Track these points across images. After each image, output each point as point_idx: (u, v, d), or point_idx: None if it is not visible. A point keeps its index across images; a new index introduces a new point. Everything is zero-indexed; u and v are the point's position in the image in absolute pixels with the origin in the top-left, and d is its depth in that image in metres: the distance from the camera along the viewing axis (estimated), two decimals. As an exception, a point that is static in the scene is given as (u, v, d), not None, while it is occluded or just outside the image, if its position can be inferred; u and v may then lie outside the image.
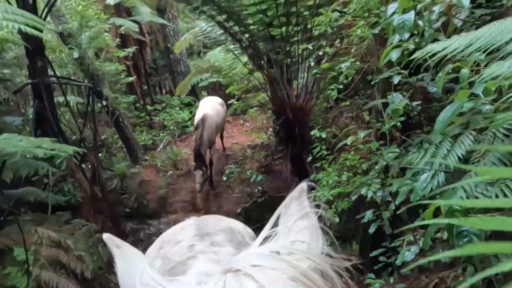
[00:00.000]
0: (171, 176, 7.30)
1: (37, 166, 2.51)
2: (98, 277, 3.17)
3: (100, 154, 7.20)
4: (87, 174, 5.21)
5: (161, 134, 8.98)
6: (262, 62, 5.47)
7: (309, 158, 3.52)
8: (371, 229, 2.24)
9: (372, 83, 2.35)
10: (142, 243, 5.75)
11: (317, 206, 3.18)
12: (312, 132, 3.22)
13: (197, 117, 6.70)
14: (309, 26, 4.10)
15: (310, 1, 4.17)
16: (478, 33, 1.01)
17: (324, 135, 3.12)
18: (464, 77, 1.35)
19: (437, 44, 1.01)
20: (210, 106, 6.93)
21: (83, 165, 5.39)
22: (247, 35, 5.14)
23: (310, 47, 3.73)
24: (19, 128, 5.79)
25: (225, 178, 6.61)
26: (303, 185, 1.00)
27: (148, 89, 10.82)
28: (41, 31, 3.31)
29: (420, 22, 1.49)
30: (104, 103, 6.94)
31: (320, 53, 3.30)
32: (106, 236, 0.99)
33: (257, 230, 4.15)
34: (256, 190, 6.10)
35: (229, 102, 8.05)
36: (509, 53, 1.09)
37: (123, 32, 8.62)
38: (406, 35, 1.48)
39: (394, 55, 1.51)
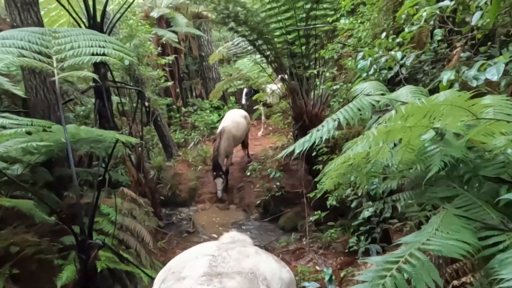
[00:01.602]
0: (200, 170, 8.28)
1: (120, 150, 3.46)
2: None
3: (139, 148, 8.25)
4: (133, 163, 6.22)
5: (192, 133, 10.00)
6: (285, 74, 6.34)
7: (313, 153, 4.37)
8: (353, 204, 3.07)
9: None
10: (174, 225, 6.81)
11: (325, 193, 4.08)
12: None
13: (219, 129, 7.59)
14: (324, 47, 4.96)
15: (326, 27, 5.02)
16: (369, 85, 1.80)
17: (324, 136, 3.99)
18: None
19: (357, 86, 1.82)
20: (231, 119, 7.71)
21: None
22: (273, 52, 6.05)
23: (315, 72, 4.63)
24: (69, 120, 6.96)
25: (248, 174, 7.48)
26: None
27: (180, 92, 11.89)
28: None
29: (374, 66, 2.35)
30: (146, 104, 7.97)
31: (327, 74, 4.16)
32: None
33: (274, 221, 5.30)
34: (275, 186, 6.92)
35: (255, 107, 8.99)
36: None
37: (164, 42, 9.69)
38: (364, 75, 2.35)
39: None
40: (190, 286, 1.34)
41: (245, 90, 9.14)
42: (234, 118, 7.80)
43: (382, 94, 1.43)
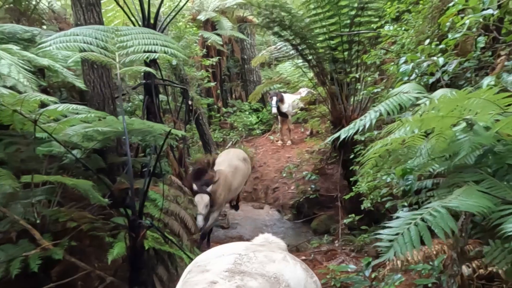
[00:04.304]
0: (237, 170, 8.51)
1: (168, 142, 3.73)
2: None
3: (181, 144, 8.62)
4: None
5: (231, 133, 10.29)
6: (326, 79, 6.44)
7: (351, 156, 4.44)
8: (387, 204, 3.14)
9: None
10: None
11: (360, 196, 4.19)
12: (355, 136, 4.17)
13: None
14: (367, 53, 5.04)
15: (370, 34, 5.09)
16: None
17: (362, 138, 4.07)
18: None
19: (397, 88, 1.92)
20: (228, 163, 6.18)
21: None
22: (315, 56, 6.17)
23: (357, 76, 4.72)
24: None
25: (283, 175, 7.62)
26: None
27: (221, 93, 12.24)
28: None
29: (416, 71, 2.43)
30: (190, 102, 8.33)
31: (369, 78, 4.25)
32: None
33: (307, 223, 5.43)
34: (309, 188, 7.02)
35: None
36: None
37: (209, 44, 10.06)
38: (405, 78, 2.44)
39: (402, 88, 2.48)
40: (212, 279, 1.37)
41: (274, 98, 8.65)
42: (230, 162, 6.24)
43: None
